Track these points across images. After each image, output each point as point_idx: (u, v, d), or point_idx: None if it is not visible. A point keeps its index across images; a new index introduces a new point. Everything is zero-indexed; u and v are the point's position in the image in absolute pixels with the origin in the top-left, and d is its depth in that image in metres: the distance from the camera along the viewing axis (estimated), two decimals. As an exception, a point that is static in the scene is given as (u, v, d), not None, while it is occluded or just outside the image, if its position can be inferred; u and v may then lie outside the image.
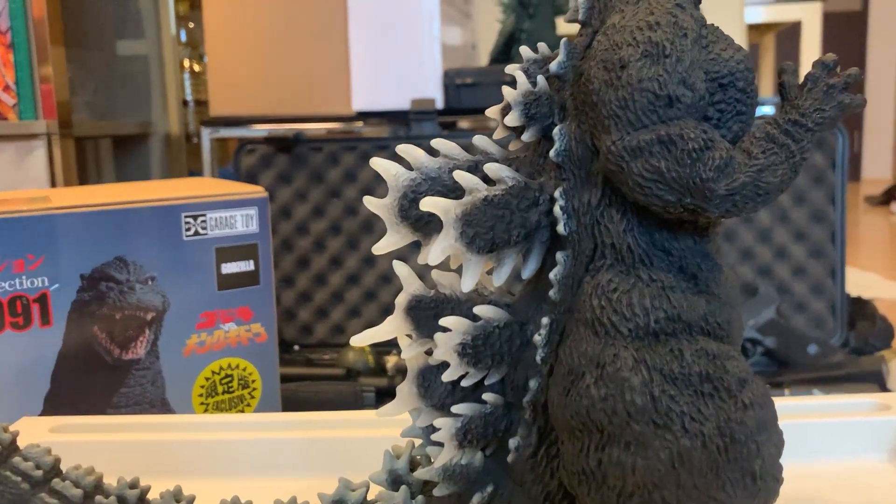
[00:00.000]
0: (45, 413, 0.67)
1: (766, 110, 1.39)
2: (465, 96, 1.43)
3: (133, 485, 0.39)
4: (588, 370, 0.29)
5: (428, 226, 0.32)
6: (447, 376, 0.32)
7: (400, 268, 0.33)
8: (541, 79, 0.33)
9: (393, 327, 0.33)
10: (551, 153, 0.32)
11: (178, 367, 0.73)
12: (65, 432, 0.57)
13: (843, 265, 1.30)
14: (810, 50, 2.78)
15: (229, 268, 0.73)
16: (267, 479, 0.54)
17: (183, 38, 2.03)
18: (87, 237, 0.67)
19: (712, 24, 0.32)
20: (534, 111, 0.32)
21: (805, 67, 0.32)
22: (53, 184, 1.49)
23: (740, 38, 2.36)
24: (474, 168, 0.33)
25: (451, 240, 0.30)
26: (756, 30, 2.96)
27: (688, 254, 0.31)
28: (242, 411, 0.77)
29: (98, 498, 0.37)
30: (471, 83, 1.41)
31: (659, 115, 0.29)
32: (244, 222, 0.74)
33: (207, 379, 0.74)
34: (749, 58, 0.31)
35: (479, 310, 0.32)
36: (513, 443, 0.33)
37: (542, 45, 0.34)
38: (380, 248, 0.33)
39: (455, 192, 0.32)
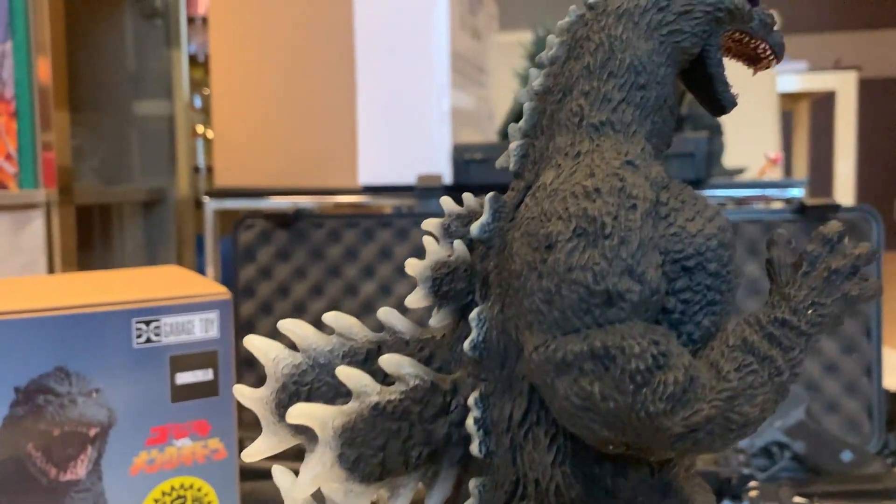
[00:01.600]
0: (-33, 542, 0.60)
1: (796, 193, 1.31)
2: (475, 172, 1.37)
3: None
4: None
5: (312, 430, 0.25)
6: None
7: (300, 484, 0.25)
8: (459, 245, 0.25)
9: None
10: (465, 345, 0.24)
11: (123, 488, 0.65)
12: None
13: (880, 362, 1.19)
14: (845, 119, 2.70)
15: (185, 377, 0.67)
16: None
17: (197, 104, 2.01)
18: (24, 346, 0.61)
19: (677, 184, 0.24)
20: (447, 288, 0.25)
21: (840, 140, 0.24)
22: (51, 254, 1.46)
23: (773, 108, 2.29)
24: (375, 353, 0.26)
25: (328, 464, 0.23)
26: (790, 98, 2.89)
27: (641, 492, 0.23)
28: (196, 535, 0.69)
29: None
30: (480, 159, 1.35)
31: (594, 316, 0.21)
32: (203, 327, 0.67)
33: (157, 501, 0.67)
34: (725, 229, 0.23)
35: (364, 555, 0.24)
36: None
37: (468, 197, 0.27)
38: (250, 454, 0.26)
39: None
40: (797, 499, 1.06)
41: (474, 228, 0.25)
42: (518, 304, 0.23)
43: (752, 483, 1.06)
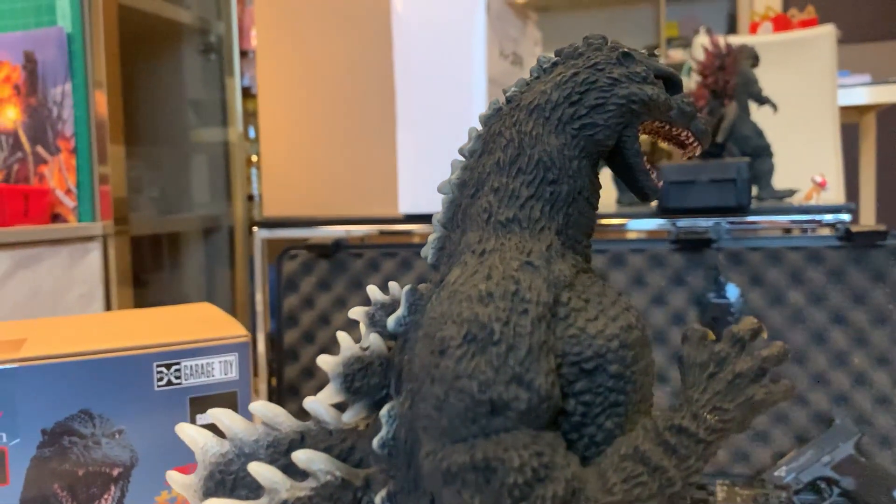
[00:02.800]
0: (-2, 577, 0.63)
1: (845, 218, 1.26)
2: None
3: None
4: None
5: (238, 518, 0.25)
6: None
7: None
8: (375, 338, 0.26)
9: None
10: (374, 442, 0.25)
11: (145, 525, 0.68)
12: None
13: (936, 394, 1.14)
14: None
15: (205, 419, 0.69)
16: None
17: (251, 134, 2.07)
18: (50, 390, 0.64)
19: (586, 280, 0.24)
20: (360, 383, 0.26)
21: None
22: (107, 284, 1.51)
23: (832, 126, 2.22)
24: (298, 443, 0.26)
25: (235, 560, 0.23)
26: (856, 110, 2.80)
27: None
28: (218, 572, 0.71)
29: None
30: (518, 187, 1.35)
31: (480, 425, 0.21)
32: (223, 369, 0.69)
33: (178, 538, 0.69)
34: (631, 327, 0.23)
35: None
36: None
37: (393, 286, 0.28)
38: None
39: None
40: (845, 539, 1.02)
41: (390, 322, 0.26)
42: (418, 407, 0.23)
43: (796, 521, 1.02)
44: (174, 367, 0.67)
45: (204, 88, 1.93)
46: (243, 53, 1.94)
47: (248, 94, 1.98)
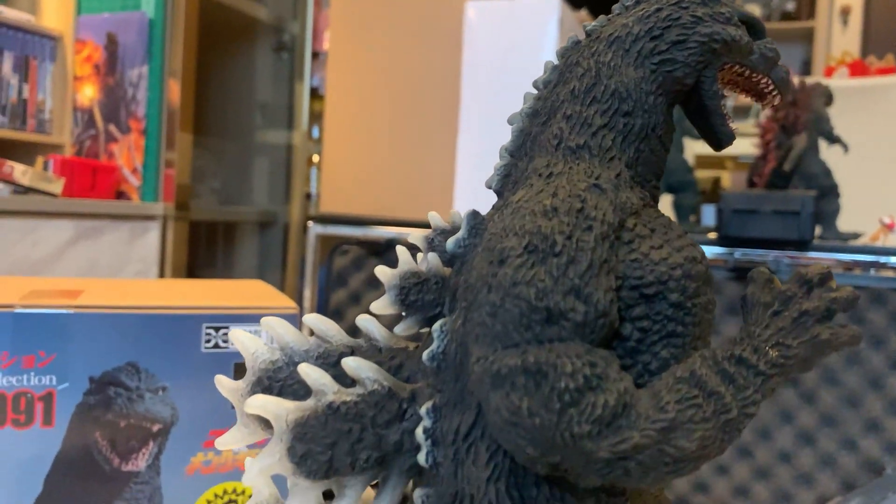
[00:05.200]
0: (32, 517, 0.65)
1: (910, 261, 1.22)
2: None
3: None
4: None
5: (281, 425, 0.25)
6: None
7: (250, 477, 0.26)
8: (433, 257, 0.26)
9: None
10: (424, 355, 0.25)
11: (178, 485, 0.68)
12: (16, 552, 0.53)
13: None
14: None
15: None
16: None
17: (315, 134, 2.10)
18: (101, 340, 0.65)
19: (653, 212, 0.24)
20: (415, 297, 0.26)
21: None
22: (163, 264, 1.55)
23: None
24: (349, 356, 0.26)
25: (277, 456, 0.23)
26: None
27: (579, 522, 0.22)
28: (244, 541, 0.71)
29: None
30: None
31: (534, 332, 0.21)
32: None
33: (209, 502, 0.69)
34: (695, 260, 0.23)
35: (307, 550, 0.24)
36: None
37: (455, 213, 0.28)
38: (223, 443, 0.27)
39: (317, 386, 0.25)
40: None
41: (449, 243, 0.26)
42: (471, 317, 0.23)
43: (836, 568, 0.98)
44: (223, 331, 0.68)
45: (273, 88, 1.97)
46: (314, 55, 1.98)
47: (315, 94, 2.02)
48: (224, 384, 0.26)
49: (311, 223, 1.59)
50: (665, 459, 0.20)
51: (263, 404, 0.24)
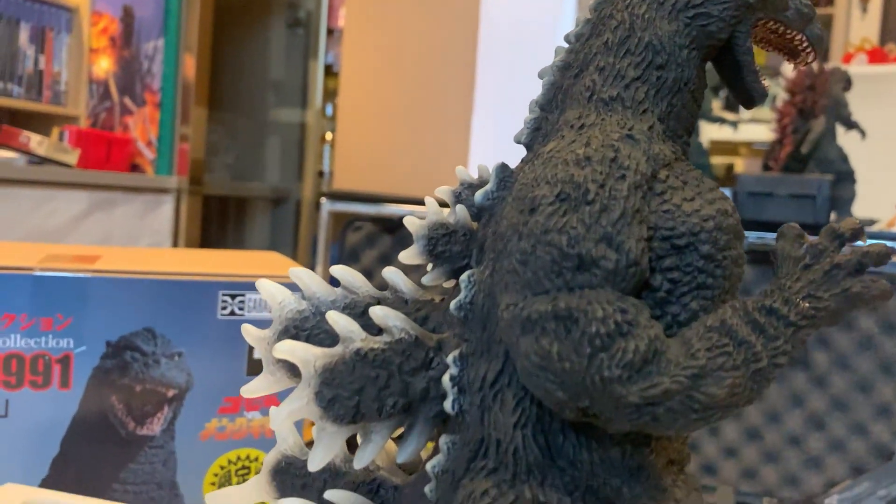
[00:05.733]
0: (49, 477, 0.65)
1: (926, 248, 1.21)
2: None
3: None
4: None
5: (306, 373, 0.26)
6: (282, 575, 0.25)
7: (275, 420, 0.27)
8: (461, 209, 0.26)
9: (256, 490, 0.27)
10: (451, 305, 0.25)
11: (193, 450, 0.69)
12: (34, 509, 0.54)
13: None
14: None
15: (262, 353, 0.70)
16: None
17: (329, 112, 2.10)
18: (118, 304, 0.66)
19: (685, 165, 0.24)
20: (442, 248, 0.26)
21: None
22: (176, 238, 1.55)
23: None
24: (376, 306, 0.26)
25: (304, 400, 0.24)
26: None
27: (604, 470, 0.22)
28: (256, 507, 0.72)
29: None
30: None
31: (565, 279, 0.21)
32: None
33: (223, 468, 0.70)
34: (727, 213, 0.23)
35: (332, 496, 0.25)
36: None
37: (482, 167, 0.28)
38: (249, 390, 0.27)
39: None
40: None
41: (478, 195, 0.26)
42: (501, 266, 0.23)
43: (843, 551, 0.99)
44: (238, 298, 0.69)
45: (287, 64, 1.97)
46: (329, 31, 1.97)
47: (329, 71, 2.01)
48: (251, 332, 0.27)
49: (323, 199, 1.59)
50: (694, 406, 0.20)
51: (292, 349, 0.24)
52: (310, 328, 0.27)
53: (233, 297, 0.69)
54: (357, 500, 0.25)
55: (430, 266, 0.26)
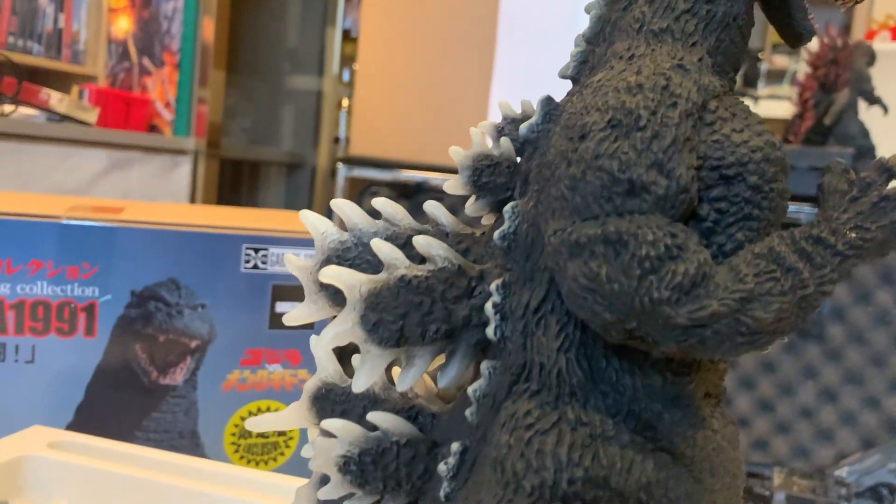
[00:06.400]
0: (73, 423, 0.66)
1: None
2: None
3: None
4: (478, 527, 0.22)
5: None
6: (325, 493, 0.25)
7: (316, 347, 0.27)
8: (505, 142, 0.26)
9: (295, 416, 0.28)
10: (495, 235, 0.25)
11: (214, 401, 0.70)
12: (62, 449, 0.55)
13: None
14: None
15: (284, 307, 0.70)
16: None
17: (346, 78, 2.09)
18: (143, 254, 0.66)
19: (733, 98, 0.24)
20: (486, 179, 0.26)
21: None
22: (193, 200, 1.56)
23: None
24: (419, 235, 0.27)
25: (350, 324, 0.24)
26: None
27: (645, 395, 0.23)
28: (275, 459, 0.73)
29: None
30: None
31: (615, 204, 0.21)
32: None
33: (243, 418, 0.71)
34: (775, 146, 0.23)
35: (375, 417, 0.25)
36: (403, 593, 0.26)
37: (526, 102, 0.28)
38: (291, 318, 0.27)
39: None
40: (901, 547, 0.99)
41: (523, 128, 0.26)
42: (548, 194, 0.23)
43: (852, 521, 0.99)
44: (262, 252, 0.69)
45: (305, 29, 1.96)
46: (349, -4, 1.96)
47: (347, 36, 2.01)
48: (293, 261, 0.27)
49: (340, 165, 1.59)
50: (741, 329, 0.21)
51: (338, 274, 0.24)
52: (352, 258, 0.27)
53: (256, 250, 0.69)
54: (397, 421, 0.25)
55: (473, 198, 0.26)
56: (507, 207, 0.25)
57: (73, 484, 0.53)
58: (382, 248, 0.25)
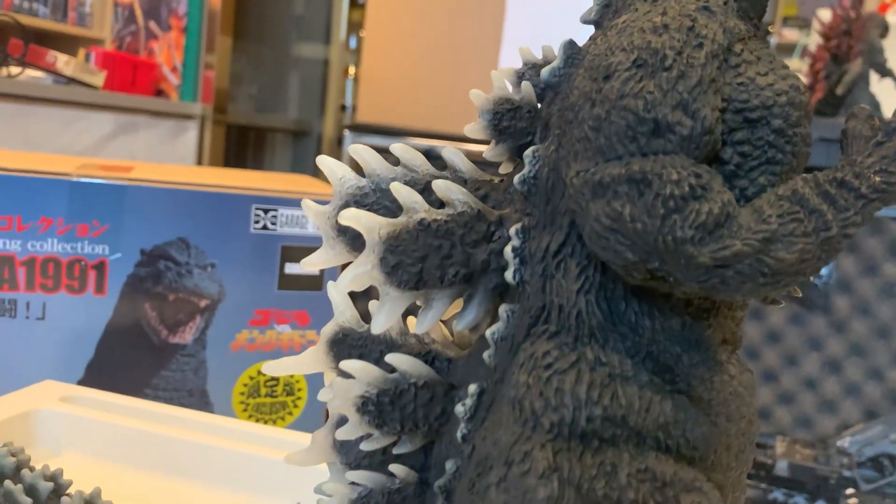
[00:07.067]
0: (84, 380, 0.67)
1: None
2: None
3: (52, 477, 0.35)
4: (496, 465, 0.22)
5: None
6: (343, 433, 0.26)
7: (333, 292, 0.27)
8: (526, 86, 0.26)
9: (313, 360, 0.28)
10: (515, 179, 0.25)
11: (223, 360, 0.70)
12: (73, 403, 0.55)
13: None
14: None
15: (293, 268, 0.71)
16: (262, 500, 0.49)
17: (353, 45, 2.07)
18: (153, 213, 0.66)
19: (758, 42, 0.24)
20: (507, 124, 0.26)
21: None
22: (199, 165, 1.56)
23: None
24: (438, 180, 0.27)
25: (369, 266, 0.24)
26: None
27: (664, 337, 0.23)
28: (283, 419, 0.73)
29: (6, 483, 0.34)
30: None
31: (639, 144, 0.21)
32: (316, 224, 0.70)
33: (252, 378, 0.71)
34: (800, 90, 0.23)
35: (393, 359, 0.25)
36: (419, 533, 0.26)
37: (547, 47, 0.28)
38: (309, 262, 0.28)
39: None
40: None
41: (544, 72, 0.26)
42: (569, 136, 0.23)
43: (852, 490, 1.00)
44: (271, 213, 0.69)
45: (313, -5, 1.94)
46: (357, -38, 1.94)
47: (354, 3, 1.99)
48: (311, 207, 0.27)
49: (346, 132, 1.59)
50: (763, 270, 0.21)
51: (357, 216, 0.24)
52: (370, 204, 0.27)
53: (265, 211, 0.69)
54: (415, 363, 0.25)
55: (493, 142, 0.26)
56: (528, 152, 0.25)
57: (85, 437, 0.53)
58: (402, 192, 0.25)
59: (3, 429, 0.50)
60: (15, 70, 1.30)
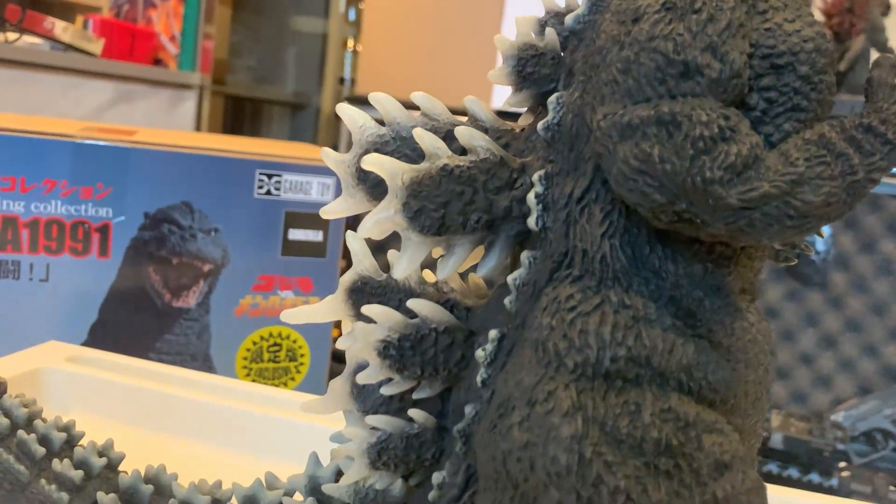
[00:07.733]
0: (87, 342, 0.67)
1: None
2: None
3: (65, 428, 0.35)
4: (518, 406, 0.23)
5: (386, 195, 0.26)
6: (363, 377, 0.26)
7: (353, 241, 0.27)
8: (550, 32, 0.26)
9: (331, 308, 0.28)
10: (539, 126, 0.25)
11: (227, 325, 0.70)
12: (79, 363, 0.55)
13: None
14: None
15: (296, 234, 0.71)
16: (267, 458, 0.50)
17: (352, 17, 2.06)
18: (157, 176, 0.66)
19: None
20: (531, 70, 0.26)
21: None
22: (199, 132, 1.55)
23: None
24: (461, 127, 0.27)
25: (392, 211, 0.24)
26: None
27: (687, 282, 0.23)
28: (286, 384, 0.74)
29: (20, 433, 0.34)
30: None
31: (668, 86, 0.21)
32: (320, 191, 0.70)
33: (255, 343, 0.72)
34: (826, 37, 0.23)
35: (414, 304, 0.26)
36: (437, 478, 0.26)
37: (571, -1, 0.27)
38: (329, 211, 0.28)
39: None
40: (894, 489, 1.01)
41: (569, 19, 0.26)
42: (596, 80, 0.23)
43: (844, 463, 1.01)
44: (275, 178, 0.69)
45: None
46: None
47: (355, -25, 1.97)
48: (330, 155, 0.27)
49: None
50: (790, 212, 0.21)
51: (381, 161, 0.24)
52: (390, 152, 0.27)
53: (269, 176, 0.69)
54: (436, 308, 0.26)
55: (516, 89, 0.26)
56: (552, 98, 0.25)
57: (91, 396, 0.54)
58: (424, 138, 0.25)
59: (11, 385, 0.51)
60: (12, 36, 1.29)
